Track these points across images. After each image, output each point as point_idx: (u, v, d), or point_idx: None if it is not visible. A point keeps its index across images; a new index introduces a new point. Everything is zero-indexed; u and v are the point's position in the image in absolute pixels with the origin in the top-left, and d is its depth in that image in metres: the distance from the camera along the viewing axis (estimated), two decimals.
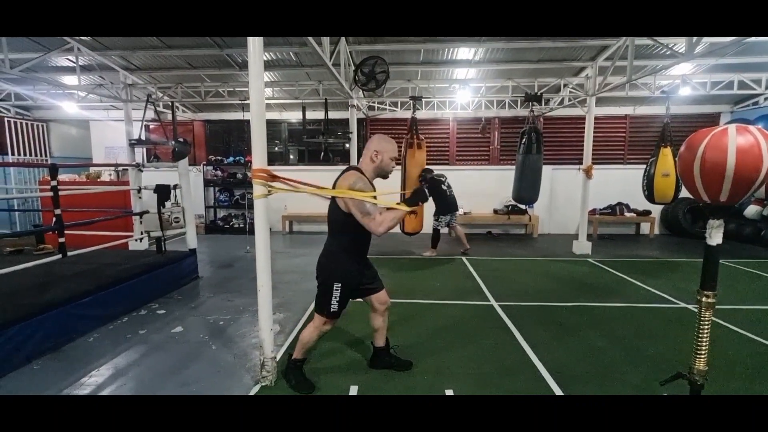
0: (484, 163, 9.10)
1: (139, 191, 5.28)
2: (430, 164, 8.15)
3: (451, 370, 2.85)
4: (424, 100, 8.04)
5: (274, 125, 9.16)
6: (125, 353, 3.11)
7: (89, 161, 9.30)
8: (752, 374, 2.79)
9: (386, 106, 8.63)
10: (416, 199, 2.35)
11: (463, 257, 6.38)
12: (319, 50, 3.87)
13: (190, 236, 5.19)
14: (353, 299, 2.56)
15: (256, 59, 2.41)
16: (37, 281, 3.64)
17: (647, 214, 8.39)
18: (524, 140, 5.64)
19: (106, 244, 4.33)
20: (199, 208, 8.74)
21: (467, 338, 3.36)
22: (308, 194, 2.62)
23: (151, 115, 6.51)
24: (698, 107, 8.45)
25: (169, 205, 4.99)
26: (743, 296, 4.45)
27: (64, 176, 7.39)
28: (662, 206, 8.12)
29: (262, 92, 2.47)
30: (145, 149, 8.49)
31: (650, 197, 5.76)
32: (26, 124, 8.97)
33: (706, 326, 1.94)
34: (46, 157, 9.34)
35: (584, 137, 6.49)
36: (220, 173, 9.10)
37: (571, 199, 8.03)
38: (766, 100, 7.61)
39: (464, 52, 6.34)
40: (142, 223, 5.11)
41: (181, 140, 5.35)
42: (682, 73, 6.98)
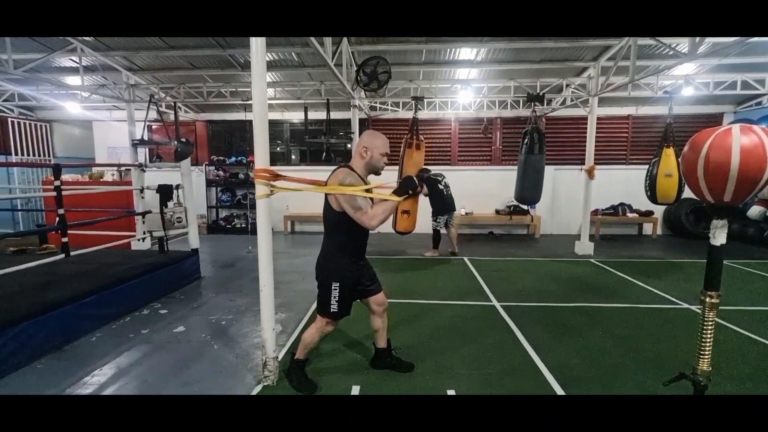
0: (486, 163, 9.09)
1: (141, 191, 5.31)
2: (432, 164, 8.18)
3: (452, 370, 2.84)
4: (426, 100, 8.04)
5: (276, 125, 9.17)
6: (128, 353, 3.12)
7: (92, 161, 9.35)
8: (755, 375, 2.78)
9: (388, 106, 8.63)
10: (405, 187, 2.27)
11: (465, 257, 6.37)
12: (321, 51, 3.88)
13: (192, 236, 5.21)
14: (354, 300, 2.54)
15: (258, 59, 2.41)
16: (40, 281, 3.66)
17: (650, 214, 8.36)
18: (526, 140, 5.63)
19: (108, 243, 4.35)
20: (201, 208, 8.77)
21: (469, 339, 3.36)
22: (311, 193, 2.62)
23: (153, 115, 6.54)
24: (701, 107, 8.42)
25: (171, 205, 5.02)
26: (746, 297, 4.43)
27: (67, 176, 7.42)
28: (665, 207, 8.09)
29: (264, 92, 2.47)
30: (147, 149, 8.51)
31: (653, 198, 5.74)
32: (30, 124, 9.01)
33: (709, 327, 1.93)
34: (49, 157, 9.38)
35: (586, 137, 6.48)
36: (222, 173, 9.13)
37: (573, 199, 8.02)
38: None
39: (466, 52, 6.34)
40: (144, 223, 5.12)
41: (183, 140, 5.38)
42: (684, 73, 6.96)
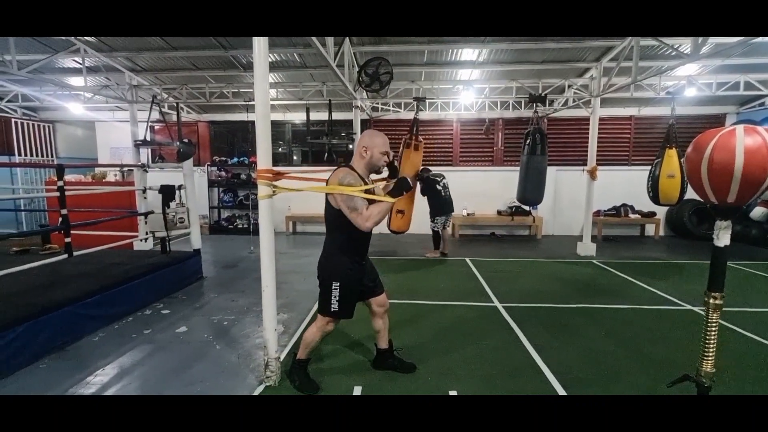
0: (487, 164, 9.08)
1: (144, 192, 5.32)
2: (433, 165, 8.18)
3: (454, 371, 2.84)
4: (427, 101, 8.03)
5: (277, 126, 9.19)
6: (130, 353, 3.13)
7: (95, 162, 9.37)
8: (759, 377, 2.76)
9: (390, 107, 8.64)
10: (399, 188, 2.31)
11: (466, 258, 6.37)
12: (323, 51, 3.88)
13: (194, 236, 5.22)
14: (356, 302, 2.53)
15: (261, 60, 2.41)
16: (43, 281, 3.67)
17: (652, 215, 8.34)
18: (528, 141, 5.62)
19: (111, 244, 4.36)
20: (203, 208, 8.79)
21: (471, 339, 3.35)
22: (312, 194, 2.62)
23: (156, 116, 6.55)
24: (704, 108, 8.41)
25: (173, 205, 5.03)
26: (750, 298, 4.41)
27: (69, 177, 7.44)
28: (667, 208, 8.07)
29: (267, 93, 2.47)
30: (150, 150, 8.53)
31: (655, 199, 5.72)
32: (33, 125, 9.06)
33: (713, 328, 1.93)
34: (52, 157, 9.42)
35: (589, 138, 6.46)
36: (224, 174, 9.16)
37: (575, 200, 8.00)
38: None
39: (468, 53, 6.33)
40: (147, 223, 5.14)
41: (185, 141, 5.38)
42: (687, 74, 6.95)
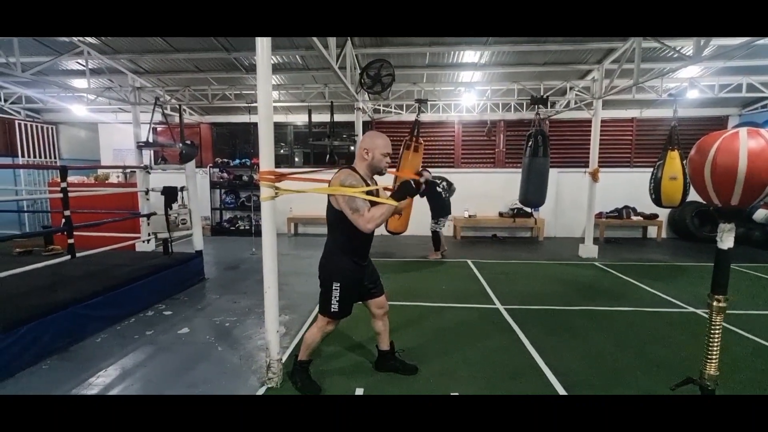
0: (489, 166, 9.08)
1: (146, 193, 5.33)
2: (435, 167, 8.20)
3: (456, 373, 2.83)
4: (429, 103, 8.04)
5: (279, 128, 9.21)
6: (132, 354, 3.13)
7: (97, 163, 9.41)
8: (763, 380, 2.75)
9: (392, 109, 8.65)
10: (403, 192, 2.22)
11: (468, 260, 6.36)
12: (325, 53, 3.89)
13: (196, 238, 5.23)
14: (355, 302, 2.54)
15: (264, 61, 2.42)
16: (46, 282, 3.67)
17: (654, 217, 8.32)
18: (530, 143, 5.63)
19: (113, 245, 4.37)
20: (205, 210, 8.81)
21: (473, 341, 3.35)
22: (314, 195, 2.62)
23: (158, 117, 6.58)
24: (706, 110, 8.39)
25: (176, 206, 5.03)
26: (752, 301, 4.39)
27: (72, 178, 7.47)
28: (669, 210, 8.05)
29: (270, 94, 2.48)
30: (152, 151, 8.54)
31: (657, 201, 5.72)
32: (36, 126, 9.10)
33: (717, 330, 1.92)
34: (55, 159, 9.46)
35: (591, 140, 6.46)
36: (226, 175, 9.18)
37: (577, 202, 7.99)
38: None
39: (470, 55, 6.34)
40: (149, 224, 5.14)
41: (188, 143, 5.41)
42: (689, 75, 6.94)
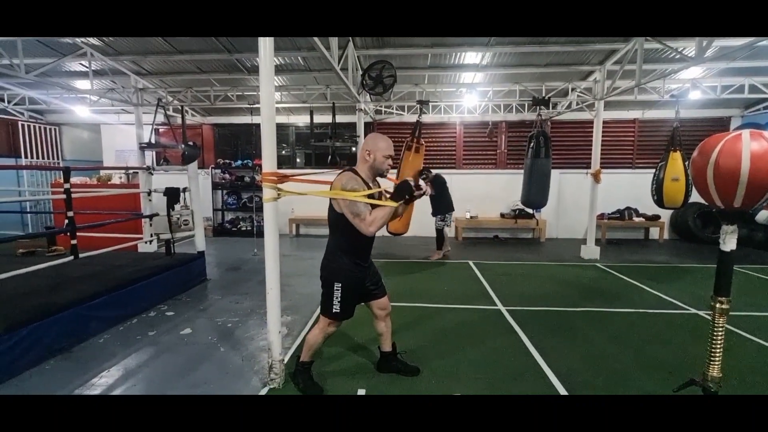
0: (491, 167, 9.08)
1: (149, 194, 5.35)
2: (437, 168, 8.18)
3: (458, 374, 2.83)
4: (431, 104, 8.05)
5: (281, 129, 9.22)
6: (135, 354, 3.14)
7: (100, 164, 9.44)
8: (766, 382, 2.74)
9: (393, 110, 8.66)
10: (401, 193, 2.22)
11: (470, 261, 6.36)
12: (327, 54, 3.90)
13: (198, 239, 5.24)
14: (357, 303, 2.54)
15: (267, 61, 2.43)
16: (49, 282, 3.69)
17: (656, 218, 8.31)
18: (532, 144, 5.63)
19: (116, 246, 4.39)
20: (207, 210, 8.82)
21: (474, 342, 3.35)
22: (316, 196, 2.63)
23: (161, 118, 6.60)
24: (708, 111, 8.37)
25: (178, 207, 5.05)
26: (755, 302, 4.37)
27: (75, 179, 7.50)
28: (672, 211, 8.03)
29: (272, 95, 2.49)
30: (155, 152, 8.59)
31: (659, 202, 5.70)
32: (39, 127, 9.13)
33: (719, 332, 1.92)
34: (58, 159, 9.50)
35: (592, 141, 6.45)
36: (228, 176, 9.20)
37: (579, 203, 7.98)
38: None
39: (471, 56, 6.34)
40: (151, 225, 5.16)
41: (190, 144, 5.42)
42: (692, 76, 6.92)
